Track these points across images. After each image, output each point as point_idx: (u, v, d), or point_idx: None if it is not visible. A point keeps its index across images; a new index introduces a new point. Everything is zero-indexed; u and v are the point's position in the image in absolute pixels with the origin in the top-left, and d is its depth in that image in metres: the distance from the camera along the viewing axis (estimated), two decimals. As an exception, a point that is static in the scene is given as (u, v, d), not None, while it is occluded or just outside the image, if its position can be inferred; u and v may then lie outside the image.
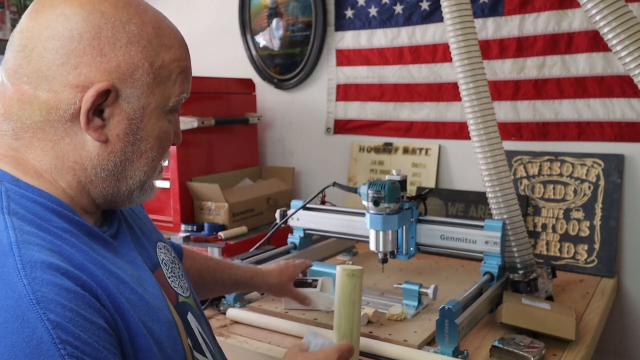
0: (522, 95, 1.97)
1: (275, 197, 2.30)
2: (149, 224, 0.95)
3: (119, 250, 0.77)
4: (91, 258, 0.68)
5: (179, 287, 0.88)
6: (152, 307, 0.73)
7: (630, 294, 1.84)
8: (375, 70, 2.25)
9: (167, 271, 0.88)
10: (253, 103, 2.45)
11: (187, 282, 0.94)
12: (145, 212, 1.00)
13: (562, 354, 1.22)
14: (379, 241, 1.47)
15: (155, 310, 0.74)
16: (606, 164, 1.82)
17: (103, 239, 0.75)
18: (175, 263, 0.93)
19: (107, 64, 0.71)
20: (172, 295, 0.85)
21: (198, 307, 0.94)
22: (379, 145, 2.29)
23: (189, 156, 2.15)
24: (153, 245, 0.89)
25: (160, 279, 0.83)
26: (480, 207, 1.99)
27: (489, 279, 1.42)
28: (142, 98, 0.74)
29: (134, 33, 0.73)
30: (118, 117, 0.73)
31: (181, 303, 0.86)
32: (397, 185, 1.44)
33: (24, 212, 0.67)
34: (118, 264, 0.73)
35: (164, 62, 0.76)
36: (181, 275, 0.92)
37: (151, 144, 0.77)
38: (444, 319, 1.16)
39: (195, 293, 0.97)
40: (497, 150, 1.49)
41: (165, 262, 0.89)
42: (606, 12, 1.30)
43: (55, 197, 0.72)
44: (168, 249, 0.94)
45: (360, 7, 2.25)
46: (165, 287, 0.84)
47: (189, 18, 2.75)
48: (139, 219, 0.93)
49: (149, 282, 0.77)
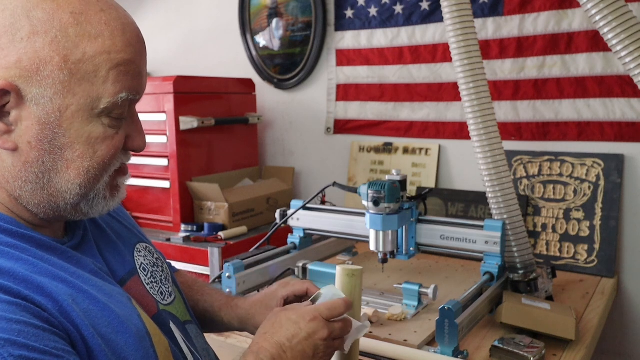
0: (522, 95, 1.97)
1: (275, 197, 2.30)
2: (129, 225, 0.90)
3: (81, 260, 0.72)
4: (40, 270, 0.63)
5: (159, 293, 0.83)
6: (117, 317, 0.68)
7: (630, 294, 1.84)
8: (375, 70, 2.25)
9: (145, 277, 0.82)
10: (253, 103, 2.46)
11: (171, 285, 0.88)
12: (125, 211, 0.95)
13: (562, 354, 1.22)
14: (379, 241, 1.47)
15: (123, 320, 0.68)
16: (606, 164, 1.82)
17: (59, 250, 0.69)
18: (158, 266, 0.87)
19: (4, 60, 0.61)
20: (150, 303, 0.80)
21: (186, 313, 0.89)
22: (379, 145, 2.29)
23: (189, 156, 2.15)
24: (131, 250, 0.84)
25: (135, 287, 0.79)
26: (480, 207, 1.99)
27: (489, 279, 1.42)
28: (57, 99, 0.64)
29: (41, 21, 0.62)
30: (27, 121, 0.64)
31: (161, 312, 0.81)
32: (397, 185, 1.44)
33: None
34: (77, 274, 0.68)
35: (86, 55, 0.64)
36: (163, 279, 0.86)
37: (80, 152, 0.67)
38: (444, 319, 1.16)
39: (184, 296, 0.92)
40: (497, 150, 1.49)
41: (145, 266, 0.84)
42: (606, 12, 1.30)
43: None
44: (150, 250, 0.88)
45: (360, 7, 2.25)
46: (142, 295, 0.80)
47: (189, 18, 2.75)
48: (116, 221, 0.87)
49: (115, 292, 0.72)
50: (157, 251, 0.92)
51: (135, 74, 0.69)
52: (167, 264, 0.96)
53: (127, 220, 0.92)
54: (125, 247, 0.83)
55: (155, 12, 2.86)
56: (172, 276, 0.92)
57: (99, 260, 0.76)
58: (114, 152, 0.70)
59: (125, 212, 0.94)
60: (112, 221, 0.87)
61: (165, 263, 0.92)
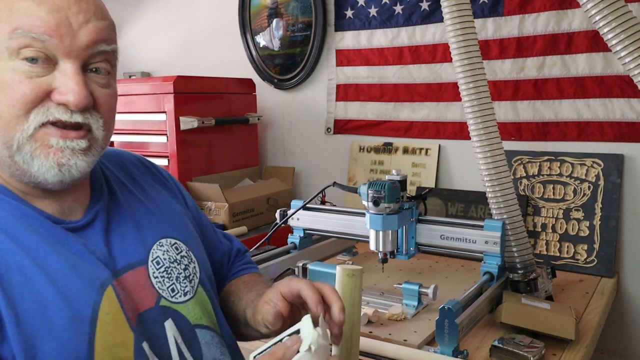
0: (522, 95, 1.97)
1: (275, 197, 2.30)
2: (163, 216, 0.90)
3: (68, 239, 0.75)
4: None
5: (168, 289, 0.83)
6: (57, 294, 0.70)
7: (630, 294, 1.84)
8: (375, 70, 2.25)
9: (156, 270, 0.83)
10: (253, 103, 2.46)
11: (191, 285, 0.87)
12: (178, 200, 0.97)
13: (562, 353, 1.22)
14: (379, 241, 1.47)
15: (63, 299, 0.70)
16: (606, 164, 1.82)
17: (39, 223, 0.74)
18: (180, 263, 0.87)
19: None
20: (148, 296, 0.80)
21: (202, 317, 0.86)
22: (379, 145, 2.29)
23: (189, 156, 2.15)
24: (152, 241, 0.85)
25: (134, 278, 0.80)
26: (480, 207, 1.99)
27: (489, 278, 1.42)
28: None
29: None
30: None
31: (160, 307, 0.81)
32: (397, 185, 1.44)
33: None
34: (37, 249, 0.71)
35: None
36: (182, 277, 0.86)
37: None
38: (444, 318, 1.16)
39: (213, 300, 0.90)
40: (497, 150, 1.49)
41: (160, 260, 0.84)
42: (606, 12, 1.30)
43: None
44: (178, 247, 0.88)
45: (360, 7, 2.25)
46: (141, 287, 0.80)
47: (189, 18, 2.75)
48: (156, 209, 0.90)
49: (84, 272, 0.73)
50: (191, 251, 0.91)
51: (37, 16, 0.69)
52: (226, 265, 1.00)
53: (170, 213, 0.92)
54: (146, 237, 0.85)
55: (155, 12, 2.86)
56: (204, 275, 0.90)
57: (100, 245, 0.78)
58: (23, 96, 0.70)
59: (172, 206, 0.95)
60: (143, 210, 0.88)
61: (196, 263, 0.90)
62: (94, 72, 0.75)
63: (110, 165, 0.93)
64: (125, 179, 0.92)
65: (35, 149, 0.72)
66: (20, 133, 0.71)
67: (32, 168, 0.72)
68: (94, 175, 0.87)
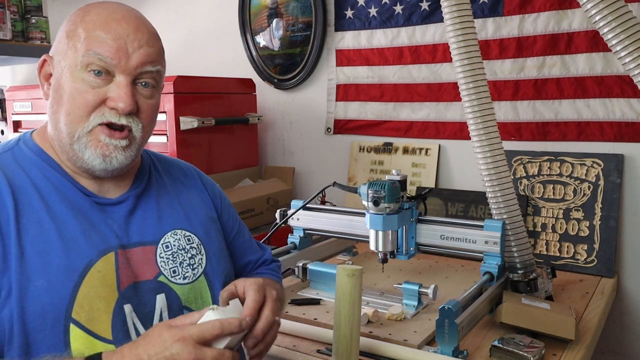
0: (522, 95, 1.97)
1: (275, 197, 2.30)
2: (185, 213, 1.07)
3: (92, 210, 0.95)
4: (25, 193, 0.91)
5: (169, 269, 0.99)
6: (61, 246, 0.89)
7: (630, 294, 1.84)
8: (375, 71, 2.25)
9: (163, 252, 1.00)
10: (253, 103, 2.45)
11: (193, 272, 1.01)
12: (210, 206, 1.16)
13: (562, 353, 1.22)
14: (379, 241, 1.47)
15: (64, 251, 0.89)
16: (606, 164, 1.82)
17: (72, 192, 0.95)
18: (187, 251, 1.02)
19: (53, 46, 0.98)
20: (149, 270, 0.97)
21: (192, 302, 1.00)
22: (379, 145, 2.29)
23: (189, 156, 2.15)
24: (167, 228, 1.02)
25: (141, 254, 0.97)
26: (480, 207, 1.99)
27: (489, 278, 1.42)
28: (62, 61, 0.94)
29: (70, 19, 0.96)
30: (53, 80, 0.96)
31: (157, 281, 0.97)
32: (397, 185, 1.45)
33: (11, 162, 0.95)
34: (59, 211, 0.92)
35: (77, 31, 0.93)
36: (186, 264, 1.01)
37: (66, 98, 0.93)
38: (444, 318, 1.16)
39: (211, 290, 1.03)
40: (497, 150, 1.49)
41: (170, 245, 1.01)
42: (606, 12, 1.30)
43: (47, 155, 0.97)
44: (190, 239, 1.04)
45: (360, 7, 2.25)
46: (146, 261, 0.97)
47: (189, 18, 2.75)
48: (182, 205, 1.08)
49: (94, 237, 0.93)
50: (204, 246, 1.06)
51: (104, 42, 0.92)
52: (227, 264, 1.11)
53: (193, 213, 1.09)
54: (164, 225, 1.02)
55: (155, 12, 2.86)
56: (211, 269, 1.05)
57: (120, 221, 0.97)
58: (87, 102, 0.92)
59: (198, 208, 1.11)
60: (173, 203, 1.06)
61: (205, 256, 1.05)
62: (142, 86, 0.97)
63: (160, 166, 1.14)
64: (167, 178, 1.12)
65: (89, 141, 0.94)
66: (82, 129, 0.93)
67: (84, 156, 0.94)
68: (140, 170, 1.08)
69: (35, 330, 0.84)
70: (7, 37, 2.56)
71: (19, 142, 1.00)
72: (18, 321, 0.83)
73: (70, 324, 0.87)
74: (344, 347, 1.01)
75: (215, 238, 1.11)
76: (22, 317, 0.84)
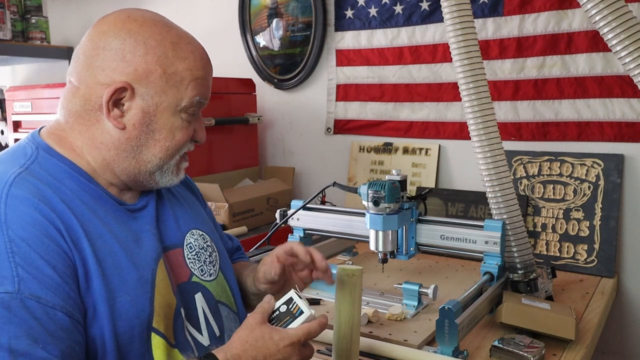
0: (522, 95, 1.97)
1: (275, 197, 2.30)
2: (193, 214, 1.11)
3: (129, 219, 0.95)
4: (77, 208, 0.87)
5: (198, 269, 1.03)
6: (127, 259, 0.89)
7: (630, 294, 1.84)
8: (375, 71, 2.25)
9: (189, 253, 1.03)
10: (253, 103, 2.45)
11: (215, 268, 1.07)
12: (202, 205, 1.19)
13: (562, 354, 1.22)
14: (379, 241, 1.47)
15: (132, 263, 0.89)
16: (606, 164, 1.82)
17: (109, 204, 0.93)
18: (206, 250, 1.07)
19: (126, 68, 0.90)
20: (184, 272, 1.00)
21: (222, 295, 1.06)
22: (379, 145, 2.29)
23: (189, 156, 2.15)
24: (186, 230, 1.05)
25: (175, 256, 1.00)
26: (480, 207, 1.99)
27: (489, 279, 1.42)
28: (156, 97, 0.92)
29: (151, 46, 0.91)
30: (134, 110, 0.91)
31: (192, 282, 1.01)
32: (397, 185, 1.44)
33: (43, 173, 0.88)
34: (110, 223, 0.91)
35: (177, 70, 0.92)
36: (207, 262, 1.06)
37: (164, 135, 0.94)
38: (444, 319, 1.16)
39: (234, 287, 1.10)
40: (497, 150, 1.49)
41: (192, 246, 1.05)
42: (606, 12, 1.30)
43: (76, 166, 0.93)
44: (204, 237, 1.08)
45: (360, 7, 2.25)
46: (179, 264, 1.00)
47: (189, 18, 2.75)
48: (187, 207, 1.10)
49: (145, 245, 0.93)
50: (213, 242, 1.11)
51: (205, 86, 0.97)
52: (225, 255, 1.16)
53: (195, 210, 1.13)
54: (181, 226, 1.05)
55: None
56: (222, 263, 1.10)
57: (153, 224, 0.99)
58: (186, 138, 0.97)
59: (199, 205, 1.17)
60: (183, 206, 1.09)
61: (217, 252, 1.10)
62: None
63: None
64: None
65: (170, 168, 0.99)
66: (173, 160, 0.98)
67: (161, 180, 0.99)
68: None
69: (125, 344, 0.86)
70: (7, 37, 2.56)
71: (37, 150, 0.93)
72: (110, 338, 0.84)
73: (152, 333, 0.90)
74: (344, 347, 1.01)
75: (215, 233, 1.16)
76: (115, 333, 0.85)
